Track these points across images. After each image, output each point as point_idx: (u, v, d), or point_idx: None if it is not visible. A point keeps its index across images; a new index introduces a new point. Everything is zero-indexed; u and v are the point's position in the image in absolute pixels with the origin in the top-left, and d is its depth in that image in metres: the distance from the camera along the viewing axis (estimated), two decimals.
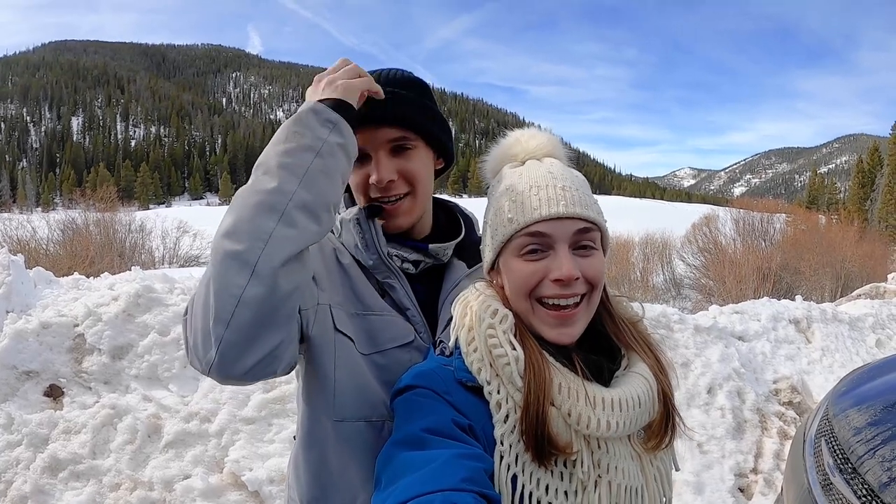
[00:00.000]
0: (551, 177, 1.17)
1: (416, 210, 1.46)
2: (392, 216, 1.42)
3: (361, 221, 1.41)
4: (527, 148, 1.25)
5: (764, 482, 4.37)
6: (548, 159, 1.23)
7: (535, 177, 1.17)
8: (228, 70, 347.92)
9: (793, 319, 6.65)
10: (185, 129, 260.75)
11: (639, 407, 1.12)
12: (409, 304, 1.42)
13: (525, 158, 1.24)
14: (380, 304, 1.39)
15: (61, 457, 3.61)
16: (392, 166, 1.38)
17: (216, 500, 3.58)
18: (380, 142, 1.38)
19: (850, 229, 34.02)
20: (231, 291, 1.06)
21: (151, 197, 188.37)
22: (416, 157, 1.43)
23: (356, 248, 1.42)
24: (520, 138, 1.28)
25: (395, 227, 1.43)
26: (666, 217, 49.65)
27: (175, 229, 28.85)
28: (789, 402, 5.29)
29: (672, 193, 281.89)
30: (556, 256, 1.12)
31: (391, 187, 1.38)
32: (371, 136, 1.37)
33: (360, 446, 1.34)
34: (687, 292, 31.86)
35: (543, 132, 1.28)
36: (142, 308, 4.36)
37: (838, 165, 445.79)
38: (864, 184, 65.32)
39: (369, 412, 1.34)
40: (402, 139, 1.39)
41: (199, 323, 1.10)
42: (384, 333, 1.37)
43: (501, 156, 1.29)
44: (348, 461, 1.35)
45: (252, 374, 1.11)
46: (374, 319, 1.38)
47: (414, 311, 1.42)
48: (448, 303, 1.33)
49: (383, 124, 1.38)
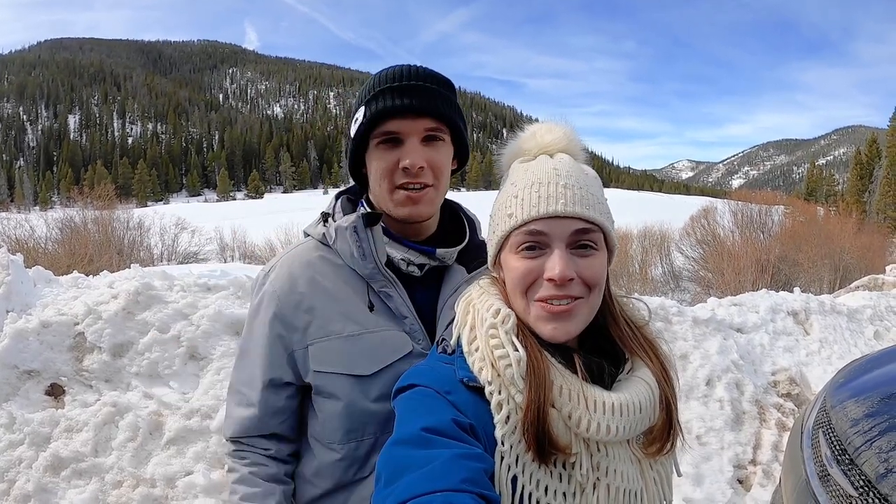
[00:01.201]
0: (555, 174, 1.14)
1: (436, 203, 1.47)
2: (416, 203, 1.41)
3: (359, 230, 1.41)
4: (541, 143, 1.22)
5: (762, 473, 4.39)
6: (560, 155, 1.21)
7: (540, 173, 1.15)
8: (225, 66, 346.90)
9: (791, 311, 6.66)
10: (182, 126, 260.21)
11: (639, 412, 1.11)
12: (407, 313, 1.43)
13: (538, 153, 1.22)
14: (372, 320, 1.41)
15: (63, 455, 3.61)
16: (423, 154, 1.39)
17: (218, 497, 3.59)
18: (415, 129, 1.40)
19: (849, 221, 33.93)
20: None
21: (149, 194, 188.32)
22: (444, 151, 1.45)
23: (351, 256, 1.43)
24: (536, 132, 1.25)
25: (417, 214, 1.43)
26: (664, 209, 49.65)
27: (173, 226, 28.86)
28: (788, 394, 5.30)
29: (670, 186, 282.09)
30: (551, 256, 1.11)
31: (420, 174, 1.39)
32: (407, 122, 1.39)
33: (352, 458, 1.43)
34: (685, 284, 31.86)
35: (561, 126, 1.25)
36: (141, 306, 4.36)
37: (836, 157, 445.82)
38: (862, 175, 65.21)
39: (358, 434, 1.40)
40: (436, 130, 1.42)
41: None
42: (383, 349, 1.39)
43: (516, 150, 1.26)
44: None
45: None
46: (370, 338, 1.40)
47: (412, 320, 1.43)
48: (447, 308, 1.34)
49: (422, 114, 1.39)
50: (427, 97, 1.40)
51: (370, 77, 1.48)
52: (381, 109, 1.38)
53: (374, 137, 1.41)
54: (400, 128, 1.38)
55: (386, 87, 1.40)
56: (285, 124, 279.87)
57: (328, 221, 1.51)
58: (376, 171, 1.43)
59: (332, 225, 1.47)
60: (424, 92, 1.40)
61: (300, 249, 1.51)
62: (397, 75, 1.42)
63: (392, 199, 1.42)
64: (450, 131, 1.46)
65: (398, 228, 1.49)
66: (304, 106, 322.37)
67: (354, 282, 1.44)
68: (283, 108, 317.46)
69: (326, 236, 1.48)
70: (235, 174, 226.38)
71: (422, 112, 1.39)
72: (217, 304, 4.48)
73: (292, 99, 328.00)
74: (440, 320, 1.44)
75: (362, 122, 1.41)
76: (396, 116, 1.38)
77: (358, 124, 1.42)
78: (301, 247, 1.53)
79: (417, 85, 1.41)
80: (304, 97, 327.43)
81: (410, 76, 1.42)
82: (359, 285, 1.44)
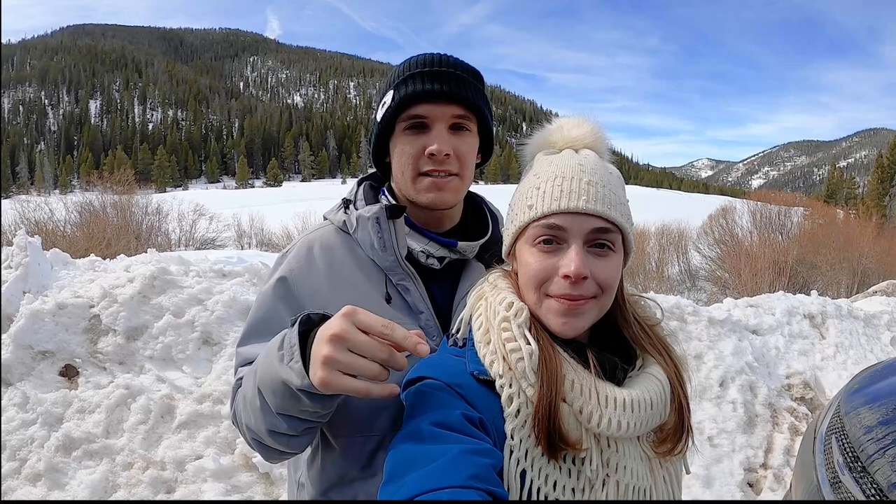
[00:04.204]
0: (580, 169, 1.12)
1: (460, 192, 1.46)
2: (441, 189, 1.40)
3: (381, 221, 1.40)
4: (567, 137, 1.21)
5: (773, 478, 4.36)
6: (585, 151, 1.19)
7: (564, 167, 1.13)
8: (246, 54, 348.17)
9: (807, 314, 6.60)
10: (203, 113, 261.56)
11: (651, 409, 1.10)
12: (423, 308, 1.41)
13: (563, 147, 1.20)
14: (389, 313, 1.37)
15: (75, 436, 3.65)
16: (449, 142, 1.39)
17: (227, 481, 3.62)
18: (443, 115, 1.39)
19: (868, 225, 33.65)
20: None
21: (168, 180, 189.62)
22: (470, 141, 1.45)
23: (372, 247, 1.41)
24: (563, 125, 1.23)
25: (441, 201, 1.42)
26: (683, 208, 49.37)
27: (191, 212, 28.95)
28: (801, 398, 5.26)
29: (689, 184, 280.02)
30: (567, 251, 1.09)
31: (446, 161, 1.39)
32: (436, 108, 1.39)
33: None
34: (702, 284, 31.70)
35: (589, 122, 1.23)
36: (157, 290, 4.39)
37: (857, 160, 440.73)
38: (883, 179, 64.48)
39: (366, 429, 1.36)
40: (464, 118, 1.41)
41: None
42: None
43: (541, 142, 1.25)
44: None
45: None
46: None
47: (428, 315, 1.41)
48: (462, 305, 1.32)
49: (451, 101, 1.39)
50: (457, 84, 1.40)
51: (398, 64, 1.48)
52: (410, 93, 1.38)
53: (402, 121, 1.40)
54: (428, 112, 1.38)
55: (416, 71, 1.40)
56: (305, 113, 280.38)
57: (349, 209, 1.49)
58: (401, 156, 1.42)
59: (353, 213, 1.45)
60: (454, 79, 1.40)
61: (320, 233, 1.49)
62: (428, 61, 1.42)
63: (416, 185, 1.41)
64: (477, 122, 1.45)
65: (420, 218, 1.47)
66: (324, 95, 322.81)
67: (373, 272, 1.42)
68: (303, 98, 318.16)
69: (347, 224, 1.47)
70: (254, 162, 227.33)
71: (451, 98, 1.39)
72: (232, 290, 4.50)
73: (312, 88, 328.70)
74: (455, 316, 1.40)
75: (390, 105, 1.40)
76: (425, 101, 1.37)
77: (385, 108, 1.42)
78: (321, 230, 1.51)
79: (448, 72, 1.40)
80: (325, 87, 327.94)
81: (441, 63, 1.41)
82: (377, 276, 1.42)
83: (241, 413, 1.28)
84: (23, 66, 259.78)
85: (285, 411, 1.13)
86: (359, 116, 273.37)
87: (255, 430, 1.25)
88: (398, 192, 1.49)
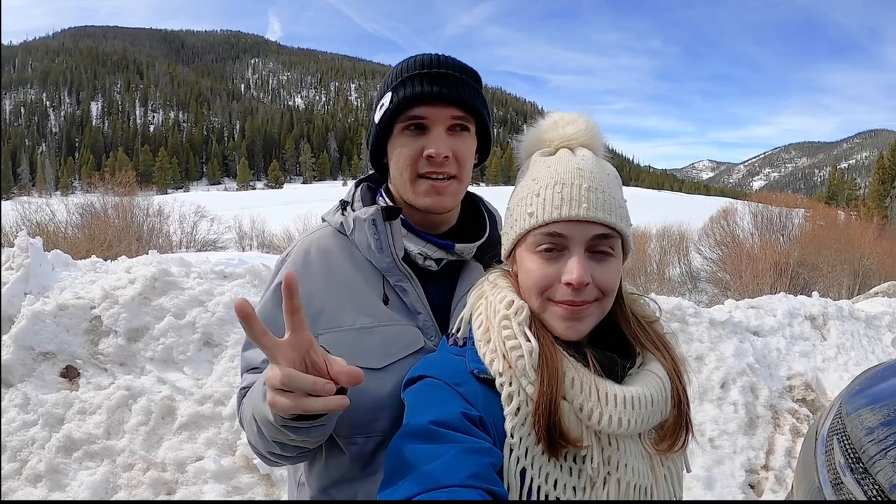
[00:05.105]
0: (579, 174, 1.12)
1: (458, 195, 1.46)
2: (440, 193, 1.40)
3: (378, 222, 1.40)
4: (563, 134, 1.20)
5: (775, 479, 4.35)
6: (581, 151, 1.18)
7: (563, 172, 1.13)
8: (247, 56, 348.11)
9: (809, 316, 6.59)
10: (204, 115, 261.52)
11: (651, 406, 1.10)
12: (421, 308, 1.41)
13: (559, 146, 1.20)
14: (386, 314, 1.39)
15: (76, 437, 3.65)
16: (448, 143, 1.38)
17: (228, 482, 3.61)
18: (442, 117, 1.39)
19: (870, 226, 33.60)
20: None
21: (169, 182, 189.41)
22: (469, 142, 1.44)
23: (369, 248, 1.42)
24: (557, 122, 1.22)
25: (440, 205, 1.42)
26: (684, 209, 49.30)
27: (193, 214, 28.96)
28: (803, 399, 5.25)
29: (690, 186, 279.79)
30: (569, 259, 1.09)
31: (444, 164, 1.38)
32: (435, 110, 1.38)
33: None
34: (703, 285, 31.65)
35: (583, 118, 1.22)
36: (158, 291, 4.39)
37: (859, 161, 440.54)
38: (884, 180, 64.40)
39: (366, 429, 1.35)
40: (462, 119, 1.41)
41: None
42: (395, 344, 1.37)
43: (536, 139, 1.24)
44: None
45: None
46: (382, 331, 1.37)
47: (426, 315, 1.41)
48: (461, 305, 1.32)
49: (450, 103, 1.39)
50: (455, 86, 1.39)
51: (396, 65, 1.47)
52: (408, 95, 1.37)
53: (400, 123, 1.40)
54: (426, 114, 1.38)
55: (414, 73, 1.40)
56: (306, 115, 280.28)
57: (346, 210, 1.49)
58: (399, 158, 1.41)
59: (350, 214, 1.46)
60: (452, 80, 1.39)
61: (318, 235, 1.49)
62: (426, 62, 1.41)
63: (414, 188, 1.41)
64: (475, 123, 1.45)
65: (418, 220, 1.47)
66: (325, 97, 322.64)
67: (370, 274, 1.42)
68: (304, 100, 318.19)
69: (344, 225, 1.47)
70: (255, 164, 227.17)
71: (449, 100, 1.38)
72: (233, 291, 4.51)
73: (314, 90, 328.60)
74: (453, 317, 1.40)
75: (388, 107, 1.40)
76: (424, 103, 1.37)
77: (384, 110, 1.41)
78: (319, 232, 1.51)
79: (446, 73, 1.40)
80: (326, 89, 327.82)
81: (439, 64, 1.41)
82: (374, 278, 1.42)
83: (245, 428, 1.35)
84: (24, 68, 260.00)
85: (277, 440, 1.20)
86: (360, 118, 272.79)
87: (256, 448, 1.32)
88: (395, 193, 1.49)
